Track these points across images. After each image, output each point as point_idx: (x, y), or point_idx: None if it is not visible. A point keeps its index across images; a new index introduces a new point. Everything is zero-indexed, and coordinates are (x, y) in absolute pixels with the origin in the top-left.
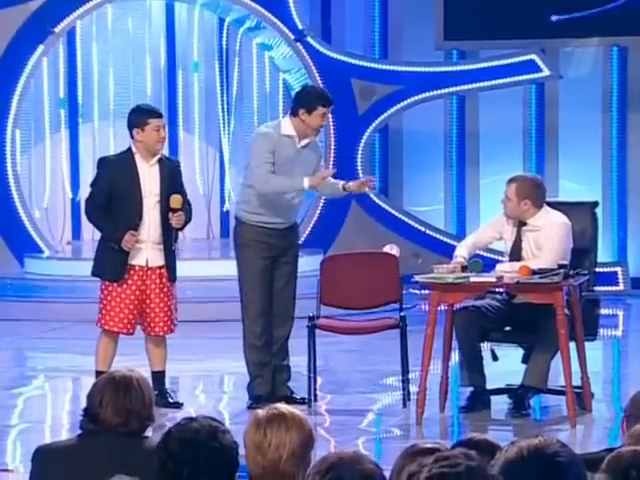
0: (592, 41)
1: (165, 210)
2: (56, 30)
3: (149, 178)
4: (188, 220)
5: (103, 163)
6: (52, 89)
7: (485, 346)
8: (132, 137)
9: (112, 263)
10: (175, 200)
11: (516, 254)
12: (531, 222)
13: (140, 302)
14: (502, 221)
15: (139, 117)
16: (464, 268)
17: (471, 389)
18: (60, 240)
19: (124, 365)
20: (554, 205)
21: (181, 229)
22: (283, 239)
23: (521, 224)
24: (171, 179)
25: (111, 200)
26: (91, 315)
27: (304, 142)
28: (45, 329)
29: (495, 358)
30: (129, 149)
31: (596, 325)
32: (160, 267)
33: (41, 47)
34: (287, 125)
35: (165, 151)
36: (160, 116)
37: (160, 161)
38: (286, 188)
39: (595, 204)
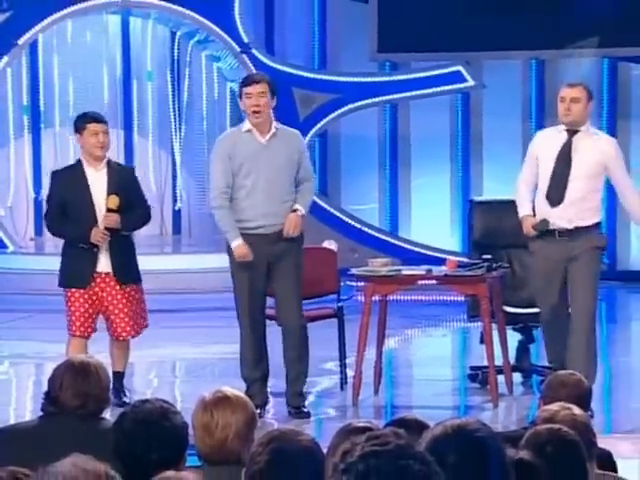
0: (513, 54)
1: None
2: (20, 42)
3: (98, 184)
4: (138, 223)
5: (53, 177)
6: (16, 97)
7: None
8: None
9: (72, 271)
10: (111, 200)
11: (564, 162)
12: (584, 129)
13: (101, 307)
14: (534, 148)
15: (79, 123)
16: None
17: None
18: (24, 236)
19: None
20: None
21: (120, 231)
22: (272, 245)
23: (571, 133)
24: (121, 184)
25: (66, 212)
26: (53, 305)
27: (268, 134)
28: (10, 318)
29: None
30: (79, 159)
31: None
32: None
33: (5, 58)
34: (247, 121)
35: (121, 154)
36: (99, 121)
37: (109, 167)
38: (222, 229)
39: None
